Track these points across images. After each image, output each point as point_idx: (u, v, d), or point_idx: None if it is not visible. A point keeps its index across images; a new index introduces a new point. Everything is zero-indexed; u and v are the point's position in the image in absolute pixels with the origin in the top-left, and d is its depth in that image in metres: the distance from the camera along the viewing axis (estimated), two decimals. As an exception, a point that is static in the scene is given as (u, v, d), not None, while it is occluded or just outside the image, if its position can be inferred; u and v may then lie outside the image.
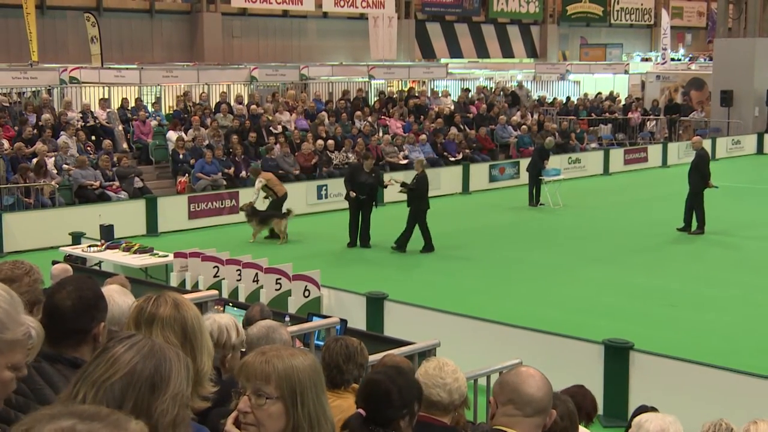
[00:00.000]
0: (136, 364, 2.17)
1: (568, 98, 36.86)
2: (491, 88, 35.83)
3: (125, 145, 23.21)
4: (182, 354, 2.32)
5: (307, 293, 12.07)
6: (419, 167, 18.19)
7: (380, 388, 4.05)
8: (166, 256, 13.81)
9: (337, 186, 22.75)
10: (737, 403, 8.48)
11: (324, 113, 26.79)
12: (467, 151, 27.33)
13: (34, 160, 19.77)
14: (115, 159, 21.40)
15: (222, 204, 20.72)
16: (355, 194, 17.66)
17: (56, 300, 3.47)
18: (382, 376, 4.18)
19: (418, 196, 17.55)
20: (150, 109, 25.27)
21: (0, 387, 2.38)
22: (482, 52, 42.99)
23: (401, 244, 17.46)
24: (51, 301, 3.49)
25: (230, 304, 9.38)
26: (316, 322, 8.69)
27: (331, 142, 24.71)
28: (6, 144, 20.33)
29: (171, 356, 2.23)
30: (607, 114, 34.68)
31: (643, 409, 6.18)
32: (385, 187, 18.78)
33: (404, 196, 17.98)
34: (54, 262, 10.45)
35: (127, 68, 27.47)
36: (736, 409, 8.23)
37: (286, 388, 2.61)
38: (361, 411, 4.06)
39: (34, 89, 25.16)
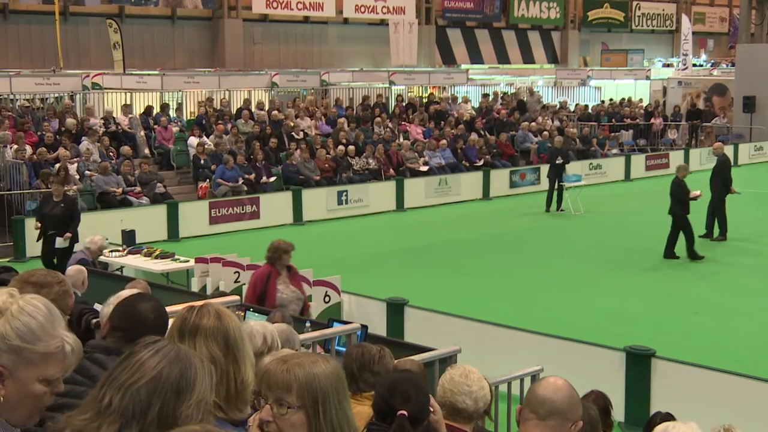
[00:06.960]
0: (162, 369, 2.19)
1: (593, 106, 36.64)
2: (511, 94, 35.72)
3: (147, 151, 23.30)
4: (206, 361, 2.33)
5: (327, 299, 12.08)
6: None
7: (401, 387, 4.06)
8: (187, 261, 13.86)
9: (357, 192, 22.81)
10: (760, 411, 8.43)
11: (344, 119, 26.84)
12: (488, 156, 27.29)
13: (57, 166, 19.88)
14: (135, 163, 21.50)
15: (243, 209, 20.78)
16: None
17: (140, 308, 3.65)
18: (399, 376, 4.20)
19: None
20: (172, 114, 25.37)
21: (33, 400, 2.34)
22: (503, 57, 42.92)
23: None
24: (134, 308, 3.67)
25: (251, 310, 9.38)
26: (337, 327, 8.66)
27: (351, 147, 24.76)
28: (29, 149, 20.45)
29: (196, 362, 2.24)
30: (628, 120, 34.50)
31: (658, 417, 6.12)
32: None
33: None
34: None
35: (148, 74, 27.63)
36: (759, 417, 8.18)
37: (307, 397, 2.57)
38: (403, 412, 4.01)
39: (56, 95, 25.31)
